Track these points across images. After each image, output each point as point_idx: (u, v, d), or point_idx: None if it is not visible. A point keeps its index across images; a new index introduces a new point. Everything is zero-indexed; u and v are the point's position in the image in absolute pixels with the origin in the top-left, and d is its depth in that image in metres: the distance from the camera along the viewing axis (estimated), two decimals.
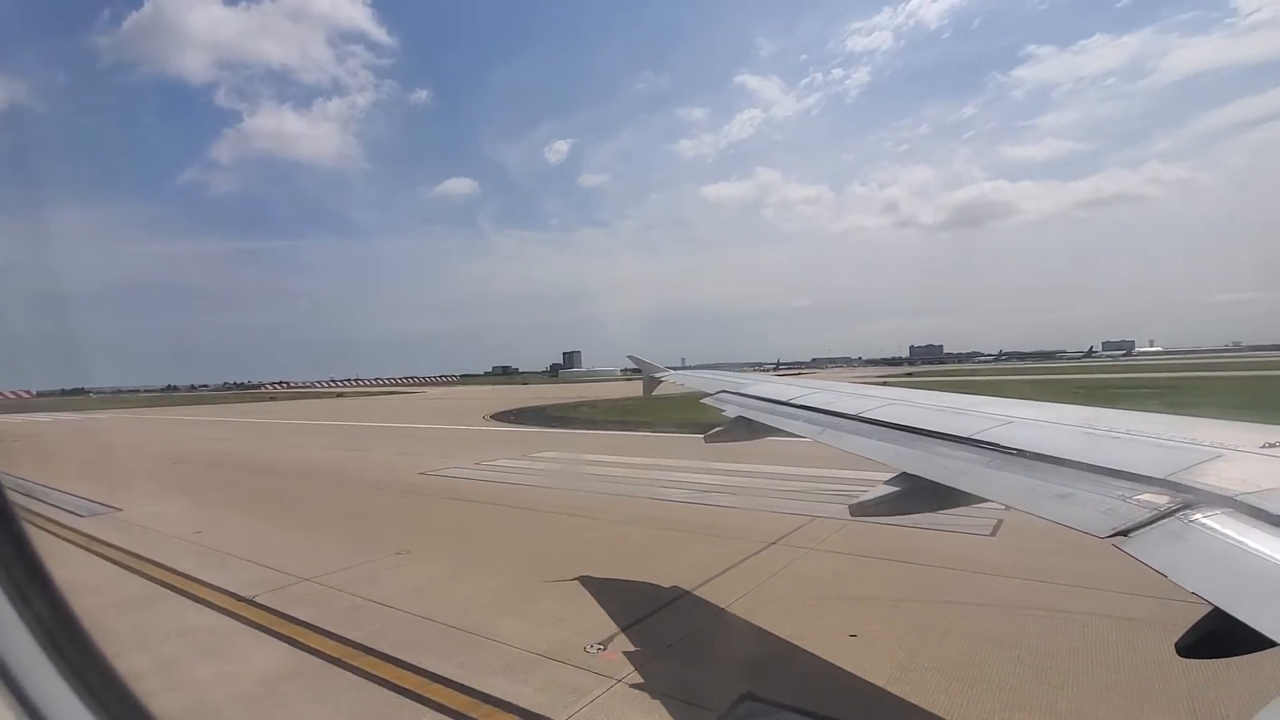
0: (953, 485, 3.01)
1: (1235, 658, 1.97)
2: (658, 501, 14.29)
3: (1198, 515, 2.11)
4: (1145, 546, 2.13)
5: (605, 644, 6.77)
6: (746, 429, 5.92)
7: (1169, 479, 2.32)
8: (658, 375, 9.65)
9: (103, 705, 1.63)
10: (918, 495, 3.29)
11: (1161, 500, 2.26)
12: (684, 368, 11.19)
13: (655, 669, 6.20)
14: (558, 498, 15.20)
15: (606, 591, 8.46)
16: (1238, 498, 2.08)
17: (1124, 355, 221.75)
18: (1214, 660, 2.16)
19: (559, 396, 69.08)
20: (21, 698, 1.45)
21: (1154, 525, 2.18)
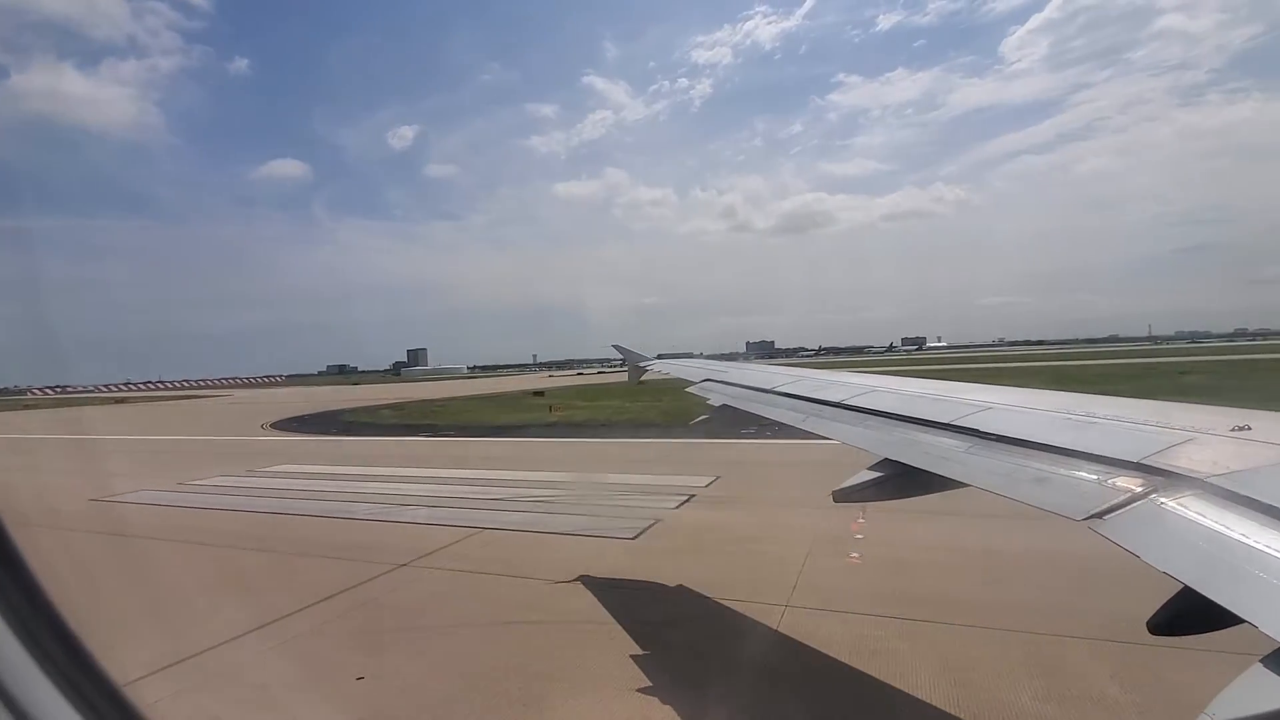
0: (933, 471, 2.96)
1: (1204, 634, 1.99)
2: (340, 520, 13.47)
3: (1169, 498, 2.16)
4: (1119, 529, 2.14)
5: None
6: (731, 417, 5.96)
7: (1142, 462, 2.39)
8: (643, 365, 9.78)
9: (91, 706, 1.60)
10: (899, 481, 3.20)
11: (1135, 484, 2.31)
12: (667, 357, 11.26)
13: None
14: (230, 523, 13.69)
15: (126, 649, 7.05)
16: (1208, 480, 2.15)
17: (917, 350, 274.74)
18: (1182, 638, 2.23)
19: (377, 398, 64.35)
20: (7, 699, 1.43)
21: (1127, 508, 2.21)
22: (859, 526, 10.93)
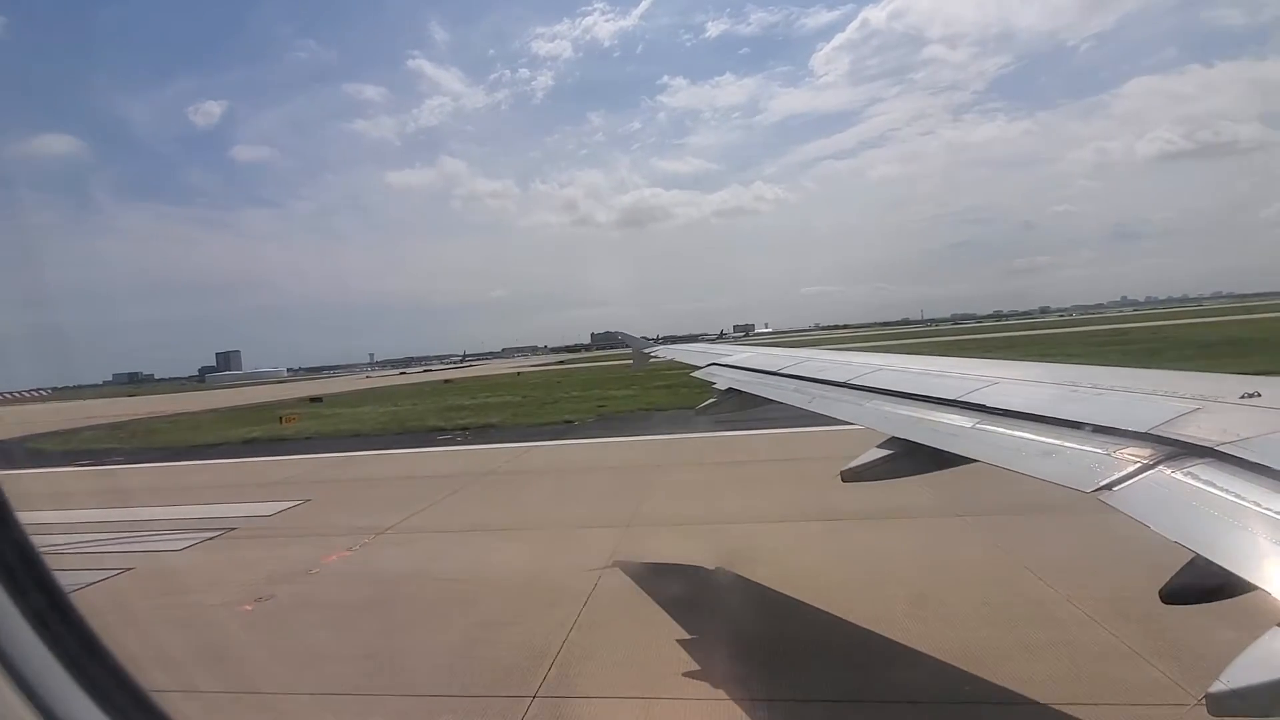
0: (941, 448, 2.98)
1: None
2: None
3: (1179, 467, 2.16)
4: (1128, 500, 2.14)
5: None
6: (738, 401, 6.02)
7: (1151, 432, 2.38)
8: (646, 350, 10.09)
9: (110, 702, 1.62)
10: (908, 458, 3.23)
11: (1144, 454, 2.30)
12: (669, 341, 11.57)
13: None
14: None
15: None
16: (1218, 448, 2.14)
17: (745, 336, 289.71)
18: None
19: (117, 414, 54.80)
20: (31, 695, 1.45)
21: (1137, 478, 2.20)
22: (340, 557, 10.02)
